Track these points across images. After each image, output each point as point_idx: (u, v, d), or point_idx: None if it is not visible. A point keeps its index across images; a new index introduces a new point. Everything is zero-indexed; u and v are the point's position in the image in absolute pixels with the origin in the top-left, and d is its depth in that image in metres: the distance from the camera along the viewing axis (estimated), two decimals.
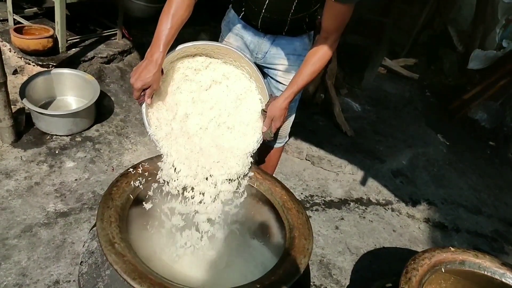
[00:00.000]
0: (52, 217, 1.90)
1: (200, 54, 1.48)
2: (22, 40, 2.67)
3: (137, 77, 1.26)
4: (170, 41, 1.30)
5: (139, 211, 1.30)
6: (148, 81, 1.26)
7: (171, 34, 1.28)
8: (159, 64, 1.27)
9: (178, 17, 1.29)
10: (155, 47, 1.27)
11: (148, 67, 1.26)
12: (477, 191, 3.13)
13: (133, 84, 1.28)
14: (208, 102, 1.50)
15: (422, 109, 4.28)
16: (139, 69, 1.27)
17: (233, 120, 1.51)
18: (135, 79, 1.27)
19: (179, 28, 1.31)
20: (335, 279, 2.01)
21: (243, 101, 1.53)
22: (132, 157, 2.41)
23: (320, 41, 1.39)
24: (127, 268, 1.01)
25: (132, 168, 1.36)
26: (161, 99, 1.42)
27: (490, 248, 2.57)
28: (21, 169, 2.11)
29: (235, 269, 1.35)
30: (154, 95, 1.36)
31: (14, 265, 1.65)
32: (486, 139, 4.04)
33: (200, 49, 1.44)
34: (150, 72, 1.26)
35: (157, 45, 1.27)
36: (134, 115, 2.78)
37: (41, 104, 2.51)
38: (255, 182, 1.47)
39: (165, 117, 1.41)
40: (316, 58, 1.40)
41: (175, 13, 1.28)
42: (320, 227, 2.31)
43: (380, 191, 2.77)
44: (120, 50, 3.22)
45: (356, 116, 3.65)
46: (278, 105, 1.44)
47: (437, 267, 1.43)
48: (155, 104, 1.40)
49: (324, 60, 1.40)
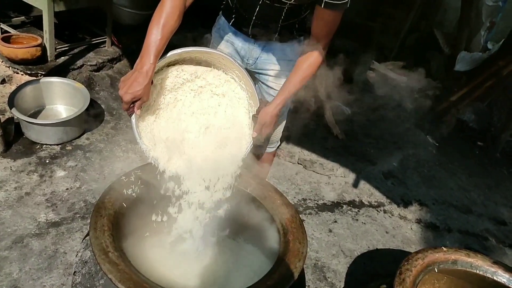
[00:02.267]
0: (43, 227, 1.87)
1: (190, 60, 1.47)
2: (10, 49, 2.64)
3: (126, 89, 1.21)
4: (161, 51, 1.26)
5: (132, 219, 1.30)
6: (138, 94, 1.22)
7: (162, 45, 1.25)
8: (150, 76, 1.23)
9: (169, 27, 1.25)
10: (145, 58, 1.22)
11: (138, 79, 1.21)
12: (467, 191, 3.17)
13: (122, 97, 1.22)
14: (199, 110, 1.49)
15: (411, 111, 4.33)
16: (128, 81, 1.22)
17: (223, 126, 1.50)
18: (124, 92, 1.21)
19: (169, 38, 1.28)
20: (330, 282, 2.02)
21: (233, 107, 1.53)
22: (123, 164, 2.40)
23: (310, 48, 1.40)
24: (121, 277, 1.01)
25: (125, 176, 1.36)
26: (150, 108, 1.40)
27: (481, 247, 2.61)
28: (11, 179, 2.08)
29: (230, 275, 1.35)
30: (144, 105, 1.34)
31: (6, 277, 1.62)
32: (475, 140, 4.09)
33: (191, 54, 1.43)
34: (141, 85, 1.21)
35: (147, 56, 1.22)
36: (125, 123, 2.77)
37: (31, 113, 2.49)
38: (248, 187, 1.47)
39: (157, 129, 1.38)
40: (306, 65, 1.41)
41: (166, 22, 1.24)
42: (314, 231, 2.32)
43: (372, 193, 2.79)
44: (110, 58, 3.21)
45: (346, 119, 3.68)
46: (269, 111, 1.44)
47: (430, 267, 1.44)
48: (145, 114, 1.36)
49: (315, 66, 1.41)
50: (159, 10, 1.26)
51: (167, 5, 1.24)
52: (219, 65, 1.49)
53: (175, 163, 1.32)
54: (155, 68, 1.27)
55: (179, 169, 1.31)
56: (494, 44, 4.57)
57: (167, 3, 1.24)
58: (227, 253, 1.43)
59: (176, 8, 1.25)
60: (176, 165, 1.32)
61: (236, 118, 1.52)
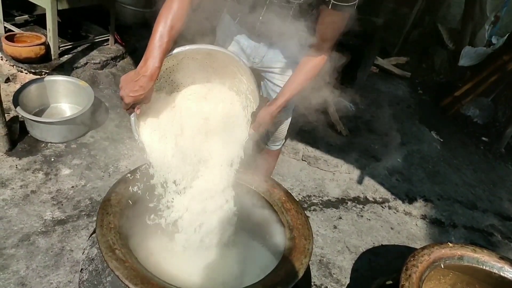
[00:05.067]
0: (49, 225, 1.88)
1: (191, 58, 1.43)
2: (14, 48, 2.65)
3: (128, 91, 1.17)
4: (166, 54, 1.21)
5: (138, 216, 1.30)
6: (141, 98, 1.19)
7: (168, 48, 1.20)
8: (154, 81, 1.19)
9: (176, 29, 1.20)
10: (150, 61, 1.16)
11: (140, 82, 1.16)
12: (472, 186, 3.16)
13: (123, 98, 1.18)
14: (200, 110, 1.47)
15: (415, 106, 4.31)
16: (131, 83, 1.17)
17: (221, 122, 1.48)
18: (126, 94, 1.17)
19: (175, 40, 1.23)
20: (335, 278, 2.02)
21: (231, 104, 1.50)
22: (128, 162, 2.41)
23: (315, 49, 1.37)
24: (128, 274, 1.01)
25: (130, 173, 1.36)
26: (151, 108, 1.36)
27: (486, 242, 2.60)
28: (17, 177, 2.09)
29: (237, 272, 1.35)
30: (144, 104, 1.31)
31: (13, 274, 1.63)
32: (479, 135, 4.08)
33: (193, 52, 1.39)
34: (144, 89, 1.17)
35: (152, 59, 1.16)
36: (129, 120, 2.76)
37: (35, 111, 2.49)
38: (254, 184, 1.47)
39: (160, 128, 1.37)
40: (310, 66, 1.39)
41: (173, 24, 1.19)
42: (319, 227, 2.32)
43: (376, 189, 2.78)
44: (113, 56, 3.21)
45: (350, 116, 3.67)
46: (270, 111, 1.42)
47: (436, 263, 1.44)
48: (146, 115, 1.34)
49: (318, 68, 1.40)
50: (166, 11, 1.20)
51: (175, 6, 1.19)
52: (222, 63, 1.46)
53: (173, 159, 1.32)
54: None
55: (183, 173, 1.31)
56: (498, 39, 4.53)
57: (175, 4, 1.20)
58: (233, 250, 1.44)
59: (183, 10, 1.21)
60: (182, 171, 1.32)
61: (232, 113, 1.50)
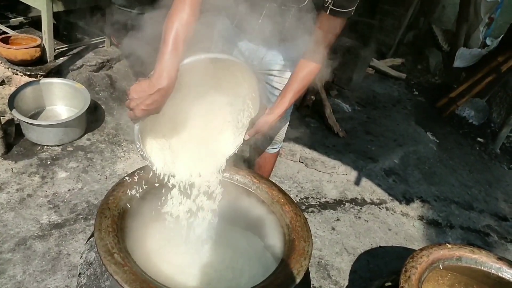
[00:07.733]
0: (46, 229, 1.87)
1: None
2: (9, 50, 2.63)
3: (140, 104, 1.08)
4: (179, 64, 1.12)
5: (136, 219, 1.29)
6: (152, 113, 1.13)
7: (182, 58, 1.12)
8: (169, 94, 1.12)
9: (189, 39, 1.12)
10: (166, 72, 1.08)
11: (156, 96, 1.09)
12: (468, 187, 3.17)
13: (133, 109, 1.09)
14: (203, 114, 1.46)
15: (411, 108, 4.33)
16: (144, 96, 1.08)
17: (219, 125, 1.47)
18: (136, 105, 1.08)
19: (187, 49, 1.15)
20: (334, 280, 2.02)
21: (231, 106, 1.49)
22: (125, 165, 2.39)
23: (311, 53, 1.37)
24: (128, 278, 1.00)
25: (128, 176, 1.35)
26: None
27: (483, 243, 2.61)
28: (13, 181, 2.07)
29: (237, 275, 1.35)
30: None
31: (9, 279, 1.62)
32: (474, 136, 4.10)
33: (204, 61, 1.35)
34: (159, 103, 1.11)
35: (168, 70, 1.08)
36: (126, 123, 2.76)
37: (31, 114, 2.48)
38: (252, 186, 1.47)
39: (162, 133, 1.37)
40: (306, 72, 1.39)
41: (187, 33, 1.11)
42: (317, 229, 2.32)
43: (374, 190, 2.79)
44: (109, 58, 3.20)
45: (347, 117, 3.68)
46: (269, 120, 1.42)
47: (435, 264, 1.44)
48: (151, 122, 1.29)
49: (314, 74, 1.40)
50: (176, 18, 1.11)
51: (185, 14, 1.11)
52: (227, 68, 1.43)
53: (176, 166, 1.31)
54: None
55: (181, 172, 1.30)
56: (493, 40, 4.58)
57: (185, 11, 1.12)
58: (232, 253, 1.43)
59: (195, 16, 1.14)
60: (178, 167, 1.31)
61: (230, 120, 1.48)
